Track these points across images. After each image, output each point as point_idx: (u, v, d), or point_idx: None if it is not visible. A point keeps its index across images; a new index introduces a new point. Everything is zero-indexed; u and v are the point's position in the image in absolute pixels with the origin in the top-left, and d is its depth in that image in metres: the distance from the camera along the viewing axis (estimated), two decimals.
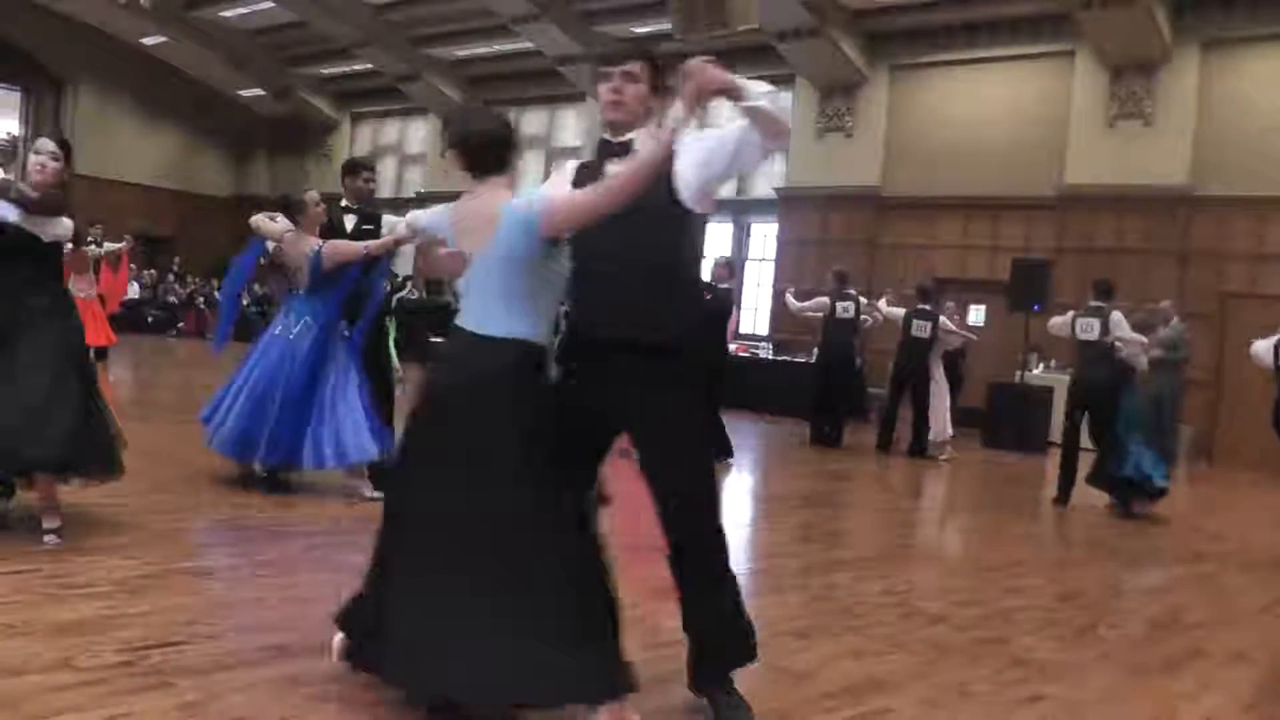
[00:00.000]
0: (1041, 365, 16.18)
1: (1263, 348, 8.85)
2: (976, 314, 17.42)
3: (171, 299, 26.94)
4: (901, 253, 18.31)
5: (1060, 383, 15.11)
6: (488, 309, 3.36)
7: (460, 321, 3.42)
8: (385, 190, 27.98)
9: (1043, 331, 15.85)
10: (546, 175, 23.98)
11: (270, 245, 6.95)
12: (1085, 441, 9.68)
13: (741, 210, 21.05)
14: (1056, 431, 14.49)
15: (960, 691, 4.17)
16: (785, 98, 4.44)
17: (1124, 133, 16.19)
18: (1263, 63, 15.50)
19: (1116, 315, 9.59)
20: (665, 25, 19.22)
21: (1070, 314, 9.99)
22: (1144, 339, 10.01)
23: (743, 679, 3.65)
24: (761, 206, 20.54)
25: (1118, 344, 9.49)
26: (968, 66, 18.10)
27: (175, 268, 27.99)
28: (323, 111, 28.65)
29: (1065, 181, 16.54)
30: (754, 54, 19.75)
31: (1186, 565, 7.53)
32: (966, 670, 4.45)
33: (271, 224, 6.94)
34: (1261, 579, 7.30)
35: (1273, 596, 6.74)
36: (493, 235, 3.35)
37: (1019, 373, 15.42)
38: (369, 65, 25.24)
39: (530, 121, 24.49)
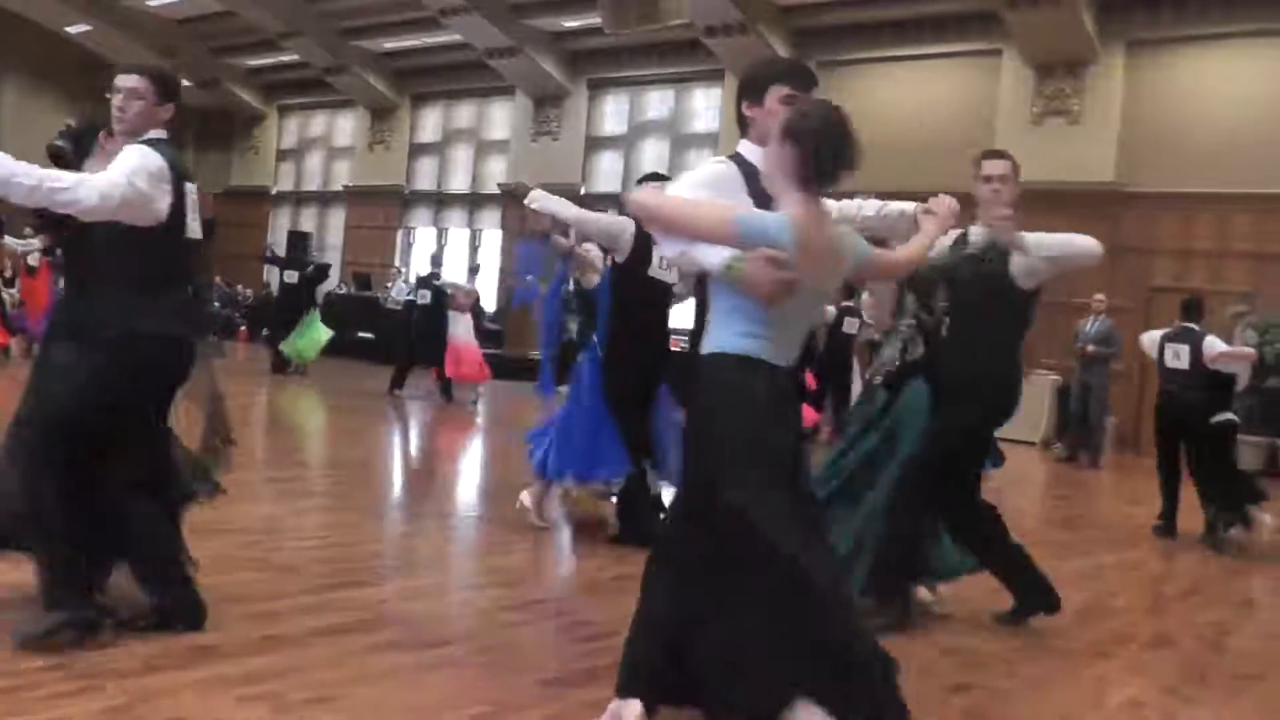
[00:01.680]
0: None
1: (1149, 340, 8.96)
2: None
3: None
4: None
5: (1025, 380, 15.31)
6: (792, 342, 3.29)
7: (768, 357, 3.20)
8: (312, 183, 27.67)
9: None
10: (475, 170, 23.89)
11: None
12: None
13: None
14: (1020, 429, 14.69)
15: None
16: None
17: (1050, 130, 16.39)
18: (1186, 63, 15.77)
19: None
20: (594, 19, 19.17)
21: None
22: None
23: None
24: None
25: None
26: (895, 64, 18.23)
27: None
28: (250, 103, 28.23)
29: None
30: (683, 49, 19.78)
31: (1113, 553, 7.62)
32: (898, 659, 4.44)
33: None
34: (1184, 565, 7.42)
35: (1194, 582, 6.85)
36: (836, 269, 3.28)
37: None
38: (296, 56, 24.89)
39: (460, 115, 24.31)
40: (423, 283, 15.33)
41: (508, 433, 11.19)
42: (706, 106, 20.70)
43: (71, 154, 4.16)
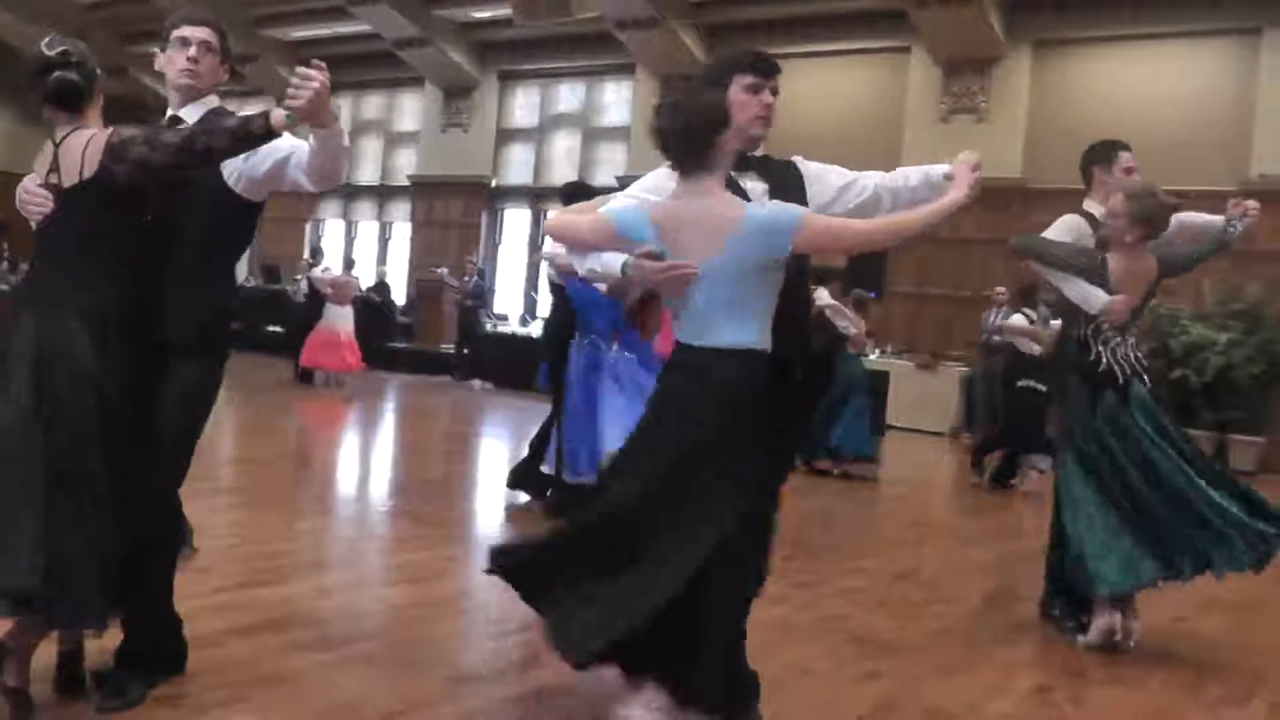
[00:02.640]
0: (878, 351, 16.53)
1: (1018, 321, 10.02)
2: (823, 296, 17.66)
3: (3, 286, 25.52)
4: None
5: (894, 367, 15.54)
6: (713, 320, 3.16)
7: (683, 337, 3.21)
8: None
9: (878, 318, 16.28)
10: (385, 161, 23.64)
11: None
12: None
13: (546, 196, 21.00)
14: (893, 415, 14.92)
15: (801, 670, 4.21)
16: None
17: (958, 127, 16.65)
18: (1091, 63, 16.08)
19: (822, 291, 10.43)
20: (505, 10, 19.06)
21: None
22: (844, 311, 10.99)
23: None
24: (604, 195, 20.52)
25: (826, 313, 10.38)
26: (804, 60, 18.33)
27: (5, 255, 26.57)
28: (159, 93, 27.63)
29: None
30: (595, 42, 19.73)
31: (1019, 541, 7.75)
32: (807, 649, 4.49)
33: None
34: None
35: None
36: (723, 242, 3.12)
37: None
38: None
39: (369, 106, 24.03)
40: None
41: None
42: (618, 100, 20.67)
43: (83, 92, 3.23)
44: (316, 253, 15.73)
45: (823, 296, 10.35)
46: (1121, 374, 4.91)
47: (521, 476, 7.29)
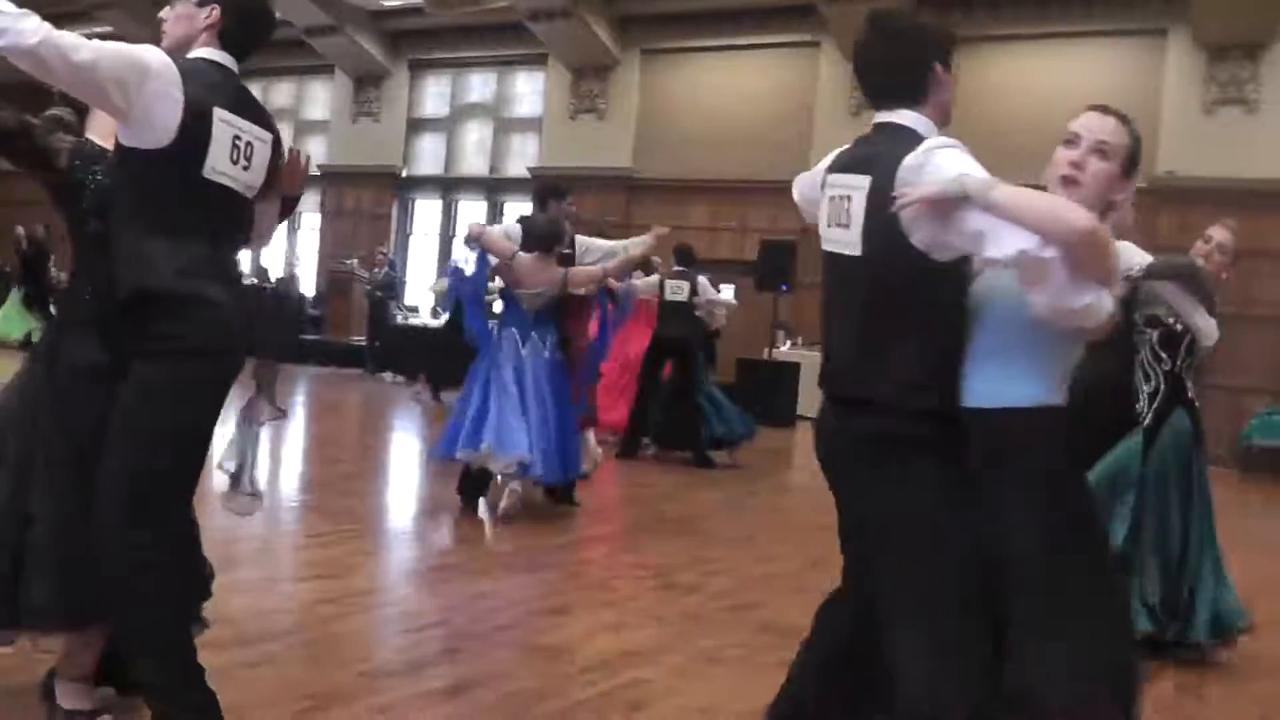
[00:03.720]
0: (789, 343, 16.71)
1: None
2: (726, 293, 17.77)
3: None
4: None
5: (804, 359, 15.71)
6: None
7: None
8: None
9: (790, 309, 16.45)
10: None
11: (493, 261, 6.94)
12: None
13: (495, 189, 20.93)
14: (805, 405, 15.09)
15: (712, 659, 4.26)
16: None
17: (866, 121, 16.78)
18: (1000, 59, 16.34)
19: (703, 279, 10.67)
20: None
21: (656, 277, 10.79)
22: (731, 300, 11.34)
23: (498, 658, 3.62)
24: (515, 186, 20.43)
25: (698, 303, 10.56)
26: (717, 53, 18.47)
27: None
28: None
29: (810, 166, 17.03)
30: (507, 32, 19.65)
31: None
32: (719, 638, 4.55)
33: (505, 243, 6.92)
34: None
35: None
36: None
37: (767, 350, 15.89)
38: (110, 28, 23.86)
39: (279, 93, 23.65)
40: None
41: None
42: (530, 91, 20.59)
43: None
44: None
45: (706, 289, 10.69)
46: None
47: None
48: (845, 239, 2.76)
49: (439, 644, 3.84)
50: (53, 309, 20.23)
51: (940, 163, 2.58)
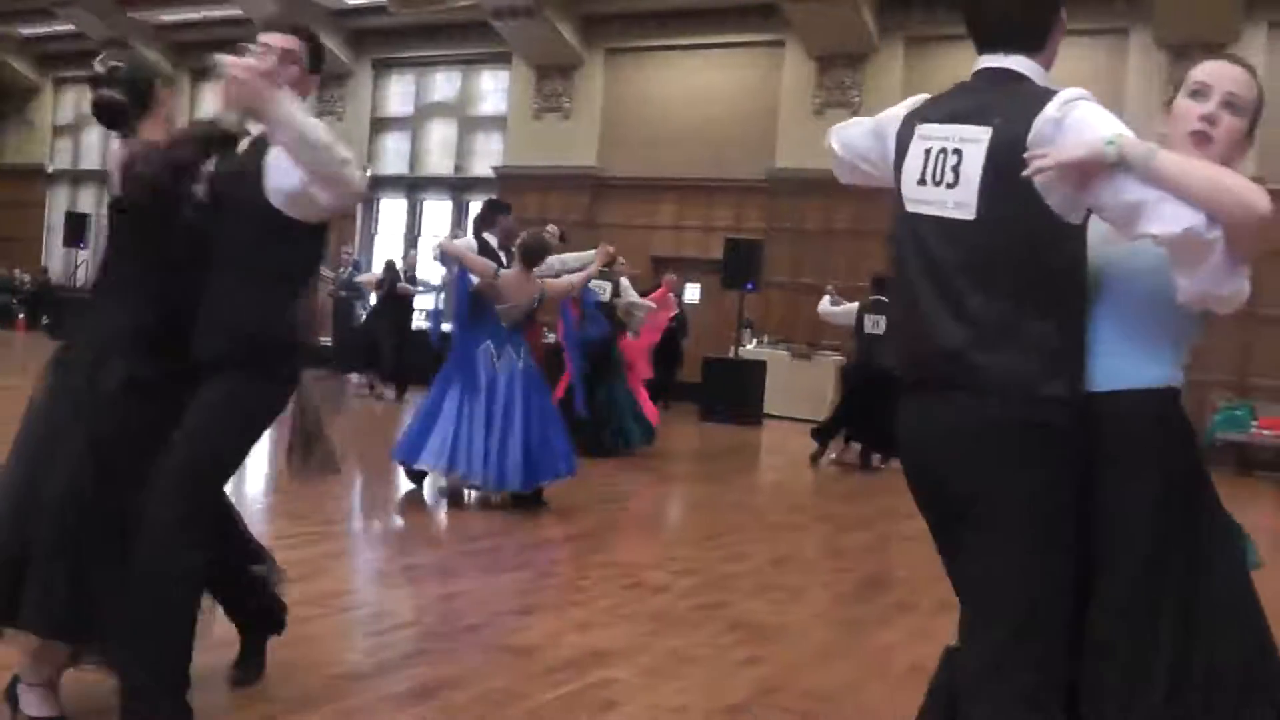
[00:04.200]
0: (754, 341, 16.74)
1: (840, 312, 10.90)
2: (692, 292, 17.81)
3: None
4: (620, 233, 18.54)
5: (770, 357, 15.74)
6: None
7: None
8: (92, 161, 26.20)
9: (755, 307, 16.47)
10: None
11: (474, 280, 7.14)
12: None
13: (460, 188, 20.85)
14: (770, 403, 15.13)
15: (681, 658, 4.25)
16: None
17: (831, 120, 16.87)
18: (965, 56, 16.46)
19: (624, 281, 10.80)
20: None
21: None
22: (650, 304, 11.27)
23: (467, 659, 3.60)
24: (480, 185, 20.38)
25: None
26: (682, 52, 18.49)
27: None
28: (23, 74, 26.66)
29: (776, 165, 17.13)
30: (471, 30, 19.60)
31: (894, 525, 7.92)
32: (688, 637, 4.54)
33: (487, 261, 7.16)
34: None
35: None
36: None
37: (733, 348, 15.90)
38: (72, 26, 23.59)
39: None
40: None
41: None
42: (495, 89, 20.53)
43: (128, 108, 3.15)
44: None
45: (628, 291, 10.82)
46: None
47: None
48: (950, 199, 2.37)
49: (408, 645, 3.81)
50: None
51: (1084, 117, 2.27)
